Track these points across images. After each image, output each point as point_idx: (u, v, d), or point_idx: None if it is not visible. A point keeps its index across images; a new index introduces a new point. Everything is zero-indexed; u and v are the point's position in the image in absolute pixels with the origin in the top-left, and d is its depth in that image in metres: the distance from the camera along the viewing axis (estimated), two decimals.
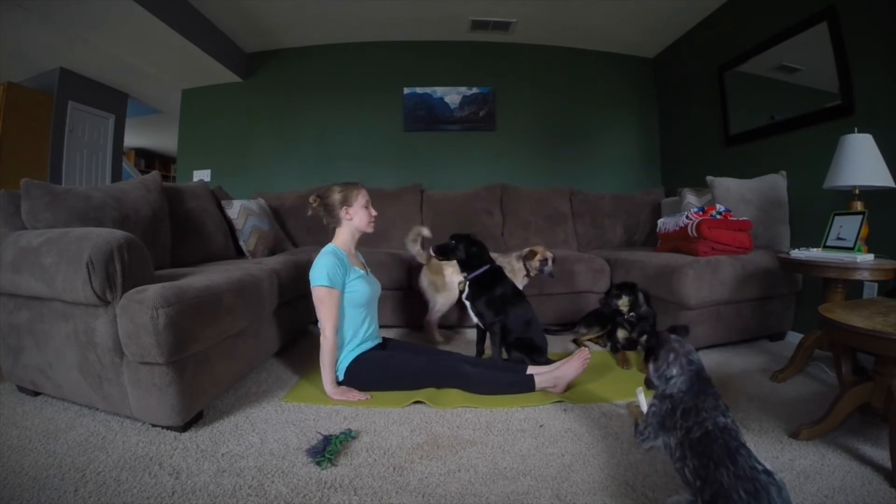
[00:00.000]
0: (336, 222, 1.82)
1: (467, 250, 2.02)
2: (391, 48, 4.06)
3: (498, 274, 2.05)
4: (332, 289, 1.64)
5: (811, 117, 2.48)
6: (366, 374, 1.70)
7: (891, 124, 2.04)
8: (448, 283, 2.46)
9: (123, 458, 1.24)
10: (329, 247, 1.76)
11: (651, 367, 1.22)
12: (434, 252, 2.09)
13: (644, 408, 1.53)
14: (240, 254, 2.62)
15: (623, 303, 2.10)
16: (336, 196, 1.79)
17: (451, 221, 3.39)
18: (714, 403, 1.09)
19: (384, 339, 1.91)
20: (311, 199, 1.84)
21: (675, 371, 1.16)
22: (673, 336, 1.21)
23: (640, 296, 2.11)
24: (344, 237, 1.82)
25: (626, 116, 4.18)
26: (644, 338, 2.12)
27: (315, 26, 3.76)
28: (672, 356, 1.16)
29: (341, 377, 1.71)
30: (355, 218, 1.80)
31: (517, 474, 1.19)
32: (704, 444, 0.93)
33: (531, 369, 1.77)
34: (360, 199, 1.81)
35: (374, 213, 1.85)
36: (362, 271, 1.81)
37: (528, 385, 1.70)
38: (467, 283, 2.02)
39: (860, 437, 1.35)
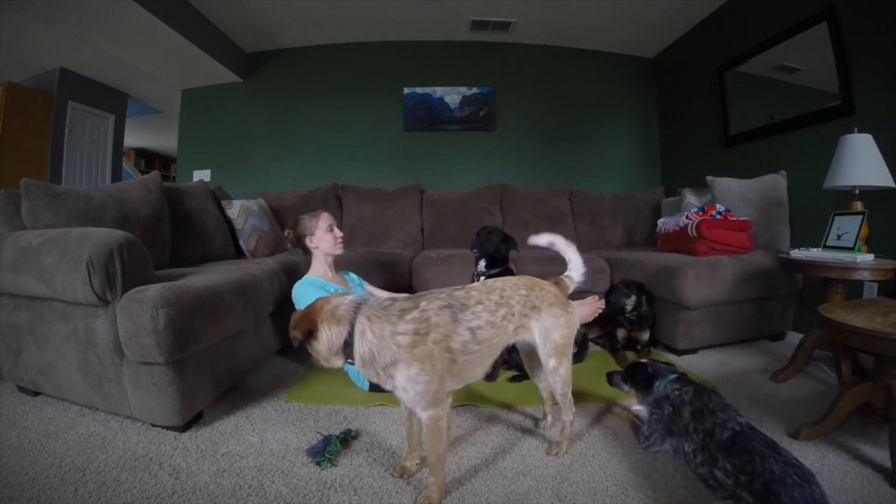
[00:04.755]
0: (308, 252, 1.86)
1: (504, 245, 2.07)
2: (391, 48, 4.06)
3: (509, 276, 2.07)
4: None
5: (811, 117, 2.47)
6: None
7: (891, 124, 2.04)
8: None
9: (123, 458, 1.24)
10: (303, 278, 1.79)
11: (636, 394, 1.37)
12: (475, 247, 2.08)
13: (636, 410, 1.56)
14: (240, 254, 2.62)
15: (630, 301, 2.13)
16: (302, 227, 1.84)
17: (452, 221, 3.40)
18: (723, 403, 1.11)
19: None
20: (285, 233, 1.90)
21: (657, 382, 1.27)
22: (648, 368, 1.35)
23: (643, 296, 2.16)
24: (317, 266, 1.85)
25: (626, 116, 4.18)
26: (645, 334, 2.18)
27: (315, 26, 3.76)
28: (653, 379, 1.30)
29: (366, 387, 1.69)
30: (320, 244, 1.83)
31: (517, 474, 1.19)
32: (740, 443, 0.97)
33: None
34: (322, 224, 1.83)
35: (339, 234, 1.86)
36: (343, 287, 1.83)
37: None
38: (483, 279, 2.01)
39: (860, 437, 1.35)
